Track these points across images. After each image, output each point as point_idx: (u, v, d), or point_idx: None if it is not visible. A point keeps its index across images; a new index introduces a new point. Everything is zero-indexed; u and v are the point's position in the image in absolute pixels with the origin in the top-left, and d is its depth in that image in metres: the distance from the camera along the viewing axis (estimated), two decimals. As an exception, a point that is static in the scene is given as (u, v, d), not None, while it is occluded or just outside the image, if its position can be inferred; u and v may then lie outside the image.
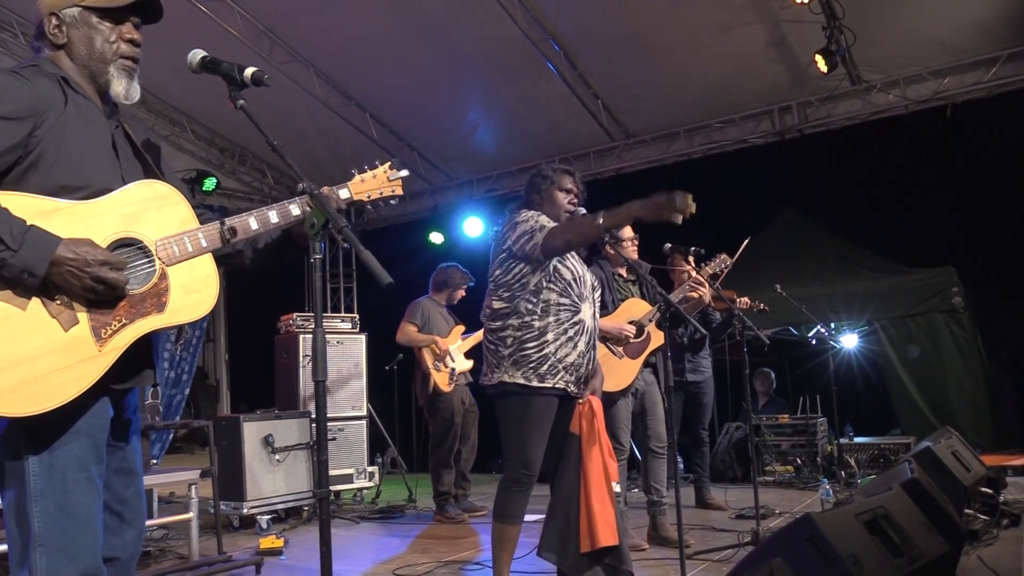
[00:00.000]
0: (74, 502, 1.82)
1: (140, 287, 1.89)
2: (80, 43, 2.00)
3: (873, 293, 8.08)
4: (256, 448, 5.83)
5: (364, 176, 2.35)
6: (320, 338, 1.89)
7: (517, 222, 3.36)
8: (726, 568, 3.93)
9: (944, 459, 4.02)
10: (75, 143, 1.90)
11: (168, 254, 1.94)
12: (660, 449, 4.80)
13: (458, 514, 6.03)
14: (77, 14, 1.99)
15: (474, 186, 9.90)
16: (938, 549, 2.60)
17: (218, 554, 4.65)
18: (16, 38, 7.03)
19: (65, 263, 1.75)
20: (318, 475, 1.90)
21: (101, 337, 1.83)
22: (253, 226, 2.08)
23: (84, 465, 1.84)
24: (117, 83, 2.03)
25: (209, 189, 9.44)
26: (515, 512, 3.30)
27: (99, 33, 2.01)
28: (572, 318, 3.31)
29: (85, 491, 1.84)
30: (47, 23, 2.00)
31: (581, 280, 3.40)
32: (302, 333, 6.90)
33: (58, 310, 1.79)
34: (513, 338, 3.28)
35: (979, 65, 7.23)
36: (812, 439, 7.45)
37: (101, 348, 1.83)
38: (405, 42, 7.49)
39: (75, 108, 1.94)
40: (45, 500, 1.79)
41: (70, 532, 1.80)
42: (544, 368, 3.24)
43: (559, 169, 3.56)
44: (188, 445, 11.92)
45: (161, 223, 1.95)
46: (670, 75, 7.76)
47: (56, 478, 1.80)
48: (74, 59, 2.01)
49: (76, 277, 1.77)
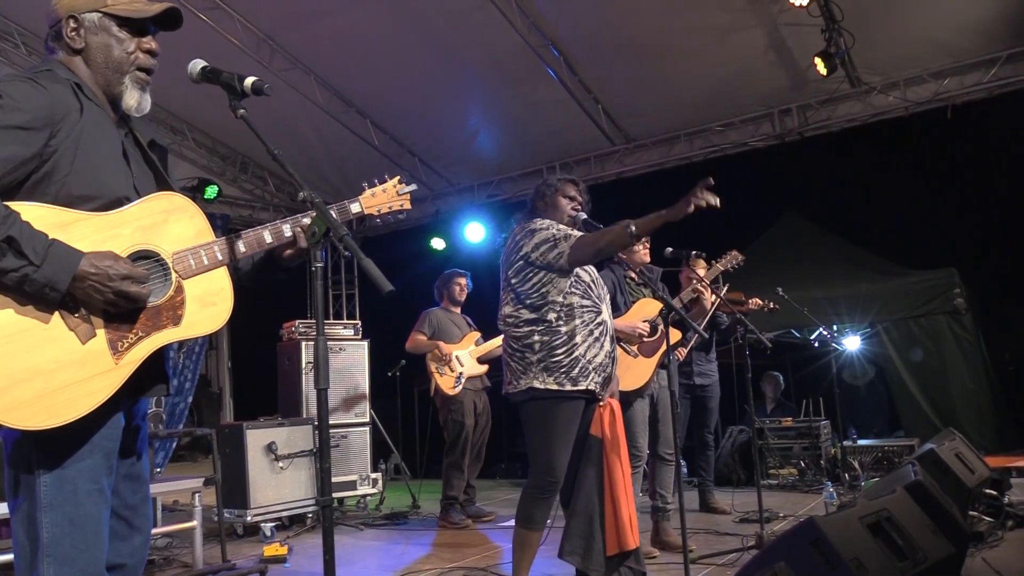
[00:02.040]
0: (84, 514, 1.81)
1: (157, 300, 1.90)
2: (98, 50, 1.97)
3: (875, 295, 8.08)
4: (259, 456, 5.83)
5: (375, 190, 2.36)
6: (322, 345, 1.90)
7: (534, 230, 3.42)
8: (730, 572, 3.93)
9: (948, 461, 4.02)
10: (89, 152, 1.88)
11: (184, 267, 1.94)
12: (669, 455, 4.81)
13: (461, 520, 6.02)
14: (98, 20, 1.96)
15: (475, 192, 9.91)
16: (942, 551, 2.59)
17: (222, 562, 4.65)
18: (17, 48, 7.05)
19: (88, 278, 1.75)
20: (321, 482, 1.91)
21: (118, 350, 1.83)
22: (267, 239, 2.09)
23: (95, 477, 1.84)
24: (130, 95, 2.01)
25: (211, 197, 9.45)
26: (539, 519, 3.34)
27: (119, 41, 1.98)
28: (596, 319, 3.40)
29: (95, 503, 1.83)
30: (65, 26, 1.96)
31: (598, 281, 3.52)
32: (304, 340, 6.90)
33: (76, 323, 1.78)
34: (541, 343, 3.34)
35: (979, 66, 7.23)
36: (815, 442, 7.44)
37: (118, 361, 1.83)
38: (405, 48, 7.50)
39: (89, 116, 1.91)
40: (55, 511, 1.79)
41: (79, 543, 1.80)
42: (576, 371, 3.31)
43: (564, 179, 3.70)
44: (191, 453, 11.91)
45: (177, 235, 1.95)
46: (670, 79, 7.77)
47: (67, 490, 1.80)
48: (90, 65, 1.98)
49: (98, 291, 1.77)
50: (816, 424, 7.51)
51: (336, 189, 10.24)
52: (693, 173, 8.69)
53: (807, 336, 8.84)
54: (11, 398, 1.70)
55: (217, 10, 6.93)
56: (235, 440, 5.81)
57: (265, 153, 1.99)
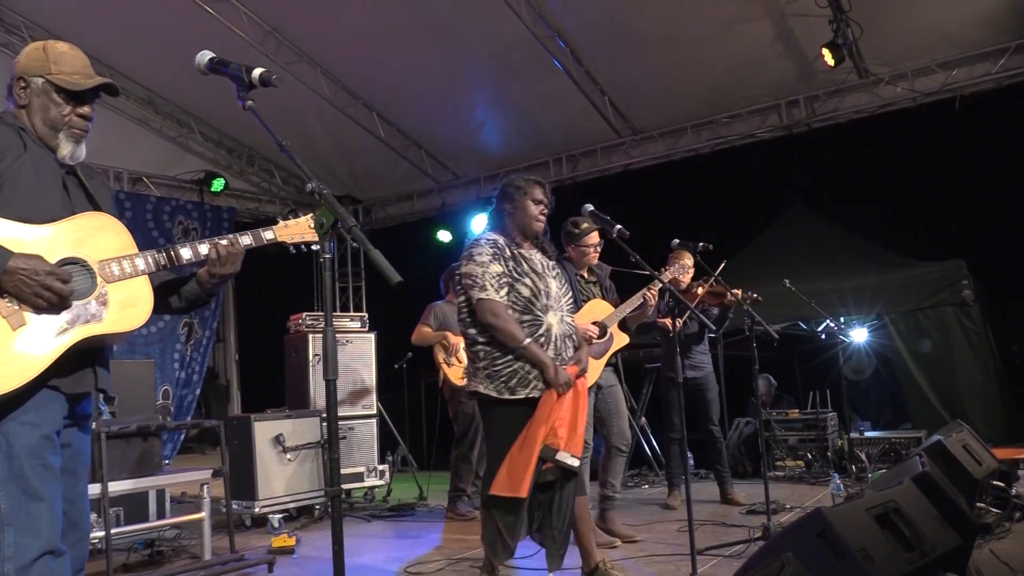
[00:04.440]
0: (34, 485, 2.04)
1: (82, 300, 2.15)
2: (38, 109, 2.27)
3: (882, 287, 8.05)
4: (267, 447, 5.85)
5: (288, 223, 2.46)
6: (330, 337, 1.91)
7: (473, 256, 3.50)
8: (737, 563, 3.93)
9: (955, 453, 4.01)
10: (29, 182, 2.17)
11: (108, 273, 2.20)
12: (624, 447, 4.84)
13: (468, 511, 6.04)
14: (41, 84, 2.26)
15: (481, 184, 9.90)
16: (950, 543, 2.59)
17: (231, 553, 4.67)
18: (24, 41, 7.06)
19: (18, 271, 2.01)
20: (329, 474, 1.92)
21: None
22: (185, 256, 2.30)
23: (39, 453, 2.06)
24: (64, 147, 2.28)
25: (218, 190, 9.48)
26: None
27: (56, 105, 2.27)
28: (537, 331, 3.44)
29: (41, 476, 2.06)
30: (15, 84, 2.28)
31: (543, 293, 3.50)
32: (312, 332, 6.91)
33: (8, 311, 2.03)
34: (485, 352, 3.46)
35: (987, 56, 7.20)
36: (822, 434, 7.43)
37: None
38: (411, 40, 7.50)
39: (32, 153, 2.21)
40: (8, 484, 2.03)
41: (33, 512, 2.03)
42: (514, 381, 3.39)
43: (530, 180, 3.68)
44: (199, 445, 11.96)
45: (104, 247, 2.22)
46: (677, 71, 7.74)
47: (15, 464, 2.03)
48: (31, 119, 2.28)
49: (27, 284, 2.02)
50: (823, 416, 7.49)
51: (342, 182, 10.26)
52: (700, 165, 8.67)
53: (814, 328, 8.81)
54: None
55: (223, 3, 6.94)
56: (243, 432, 5.83)
57: (272, 146, 2.02)
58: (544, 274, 3.57)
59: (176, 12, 6.87)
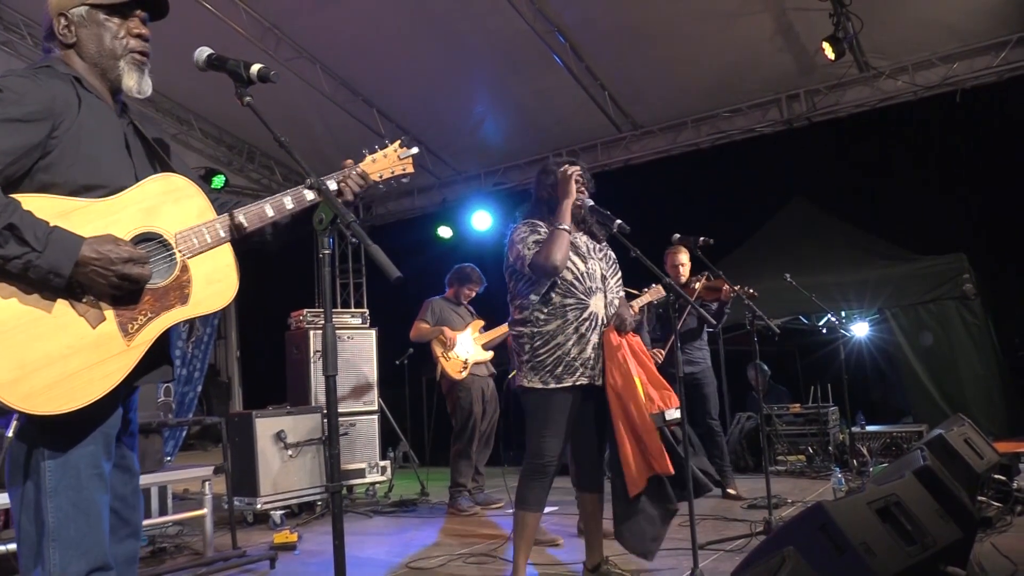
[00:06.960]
0: (87, 498, 1.84)
1: (163, 280, 1.93)
2: (89, 41, 2.02)
3: (883, 281, 8.05)
4: (268, 444, 5.86)
5: (375, 156, 2.37)
6: (330, 331, 1.90)
7: (513, 240, 3.51)
8: (739, 558, 3.93)
9: (956, 446, 4.01)
10: (91, 144, 1.92)
11: (188, 246, 1.97)
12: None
13: (469, 507, 6.04)
14: (85, 12, 2.01)
15: (482, 180, 9.90)
16: (951, 536, 2.59)
17: (232, 549, 4.68)
18: (24, 39, 7.06)
19: (91, 263, 1.78)
20: (331, 469, 1.92)
21: (128, 332, 1.87)
22: (269, 213, 2.13)
23: (96, 461, 1.87)
24: (128, 77, 2.05)
25: (218, 187, 9.45)
26: (531, 500, 3.43)
27: (107, 30, 2.03)
28: (581, 315, 3.42)
29: (97, 487, 1.87)
30: (56, 24, 2.02)
31: (586, 275, 3.47)
32: (312, 329, 6.92)
33: (85, 308, 1.82)
34: (529, 344, 3.45)
35: (988, 49, 7.18)
36: (824, 428, 7.43)
37: (129, 343, 1.86)
38: (411, 36, 7.48)
39: (88, 109, 1.95)
40: (59, 496, 1.82)
41: (83, 527, 1.83)
42: (560, 369, 3.38)
43: (565, 162, 3.65)
44: (201, 442, 11.99)
45: (179, 216, 1.99)
46: (677, 65, 7.73)
47: (70, 474, 1.83)
48: (84, 57, 2.03)
49: (101, 276, 1.80)
50: (824, 410, 7.50)
51: (342, 178, 10.22)
52: (700, 159, 8.66)
53: (815, 322, 8.82)
54: (28, 386, 1.72)
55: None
56: (244, 429, 5.83)
57: (272, 142, 2.01)
58: (588, 256, 3.53)
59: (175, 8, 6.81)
